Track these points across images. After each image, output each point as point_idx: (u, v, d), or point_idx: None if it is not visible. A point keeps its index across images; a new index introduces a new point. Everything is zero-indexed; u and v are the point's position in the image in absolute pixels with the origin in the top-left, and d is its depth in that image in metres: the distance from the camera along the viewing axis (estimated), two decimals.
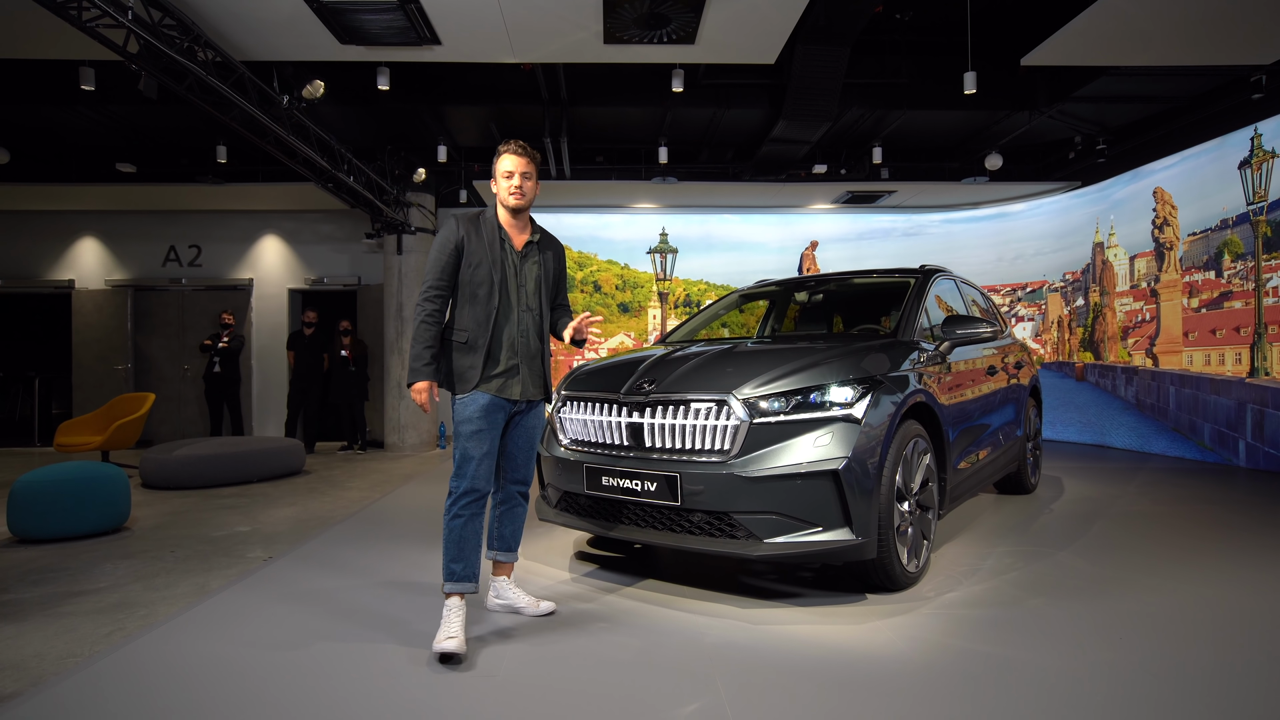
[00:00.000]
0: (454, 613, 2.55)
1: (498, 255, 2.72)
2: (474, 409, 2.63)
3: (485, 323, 2.69)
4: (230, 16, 4.49)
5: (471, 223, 2.76)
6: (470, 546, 2.62)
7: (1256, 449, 6.23)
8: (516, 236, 2.79)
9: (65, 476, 4.37)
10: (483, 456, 2.63)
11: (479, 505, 2.64)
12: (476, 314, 2.69)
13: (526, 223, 2.83)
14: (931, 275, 4.20)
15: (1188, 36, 5.01)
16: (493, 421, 2.66)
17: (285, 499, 5.63)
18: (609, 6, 4.46)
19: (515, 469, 2.85)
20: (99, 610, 3.04)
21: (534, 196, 2.79)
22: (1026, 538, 3.99)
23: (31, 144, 8.05)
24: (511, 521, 2.88)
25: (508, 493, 2.86)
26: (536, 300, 2.80)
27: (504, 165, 2.71)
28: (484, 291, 2.69)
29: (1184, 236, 7.08)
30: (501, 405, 2.69)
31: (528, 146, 2.75)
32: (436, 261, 2.71)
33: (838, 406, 2.91)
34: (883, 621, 2.75)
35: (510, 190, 2.72)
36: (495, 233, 2.75)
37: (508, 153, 2.72)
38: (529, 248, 2.82)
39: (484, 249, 2.71)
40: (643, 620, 2.81)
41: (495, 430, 2.67)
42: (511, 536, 2.90)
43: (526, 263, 2.79)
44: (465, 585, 2.60)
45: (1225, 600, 2.96)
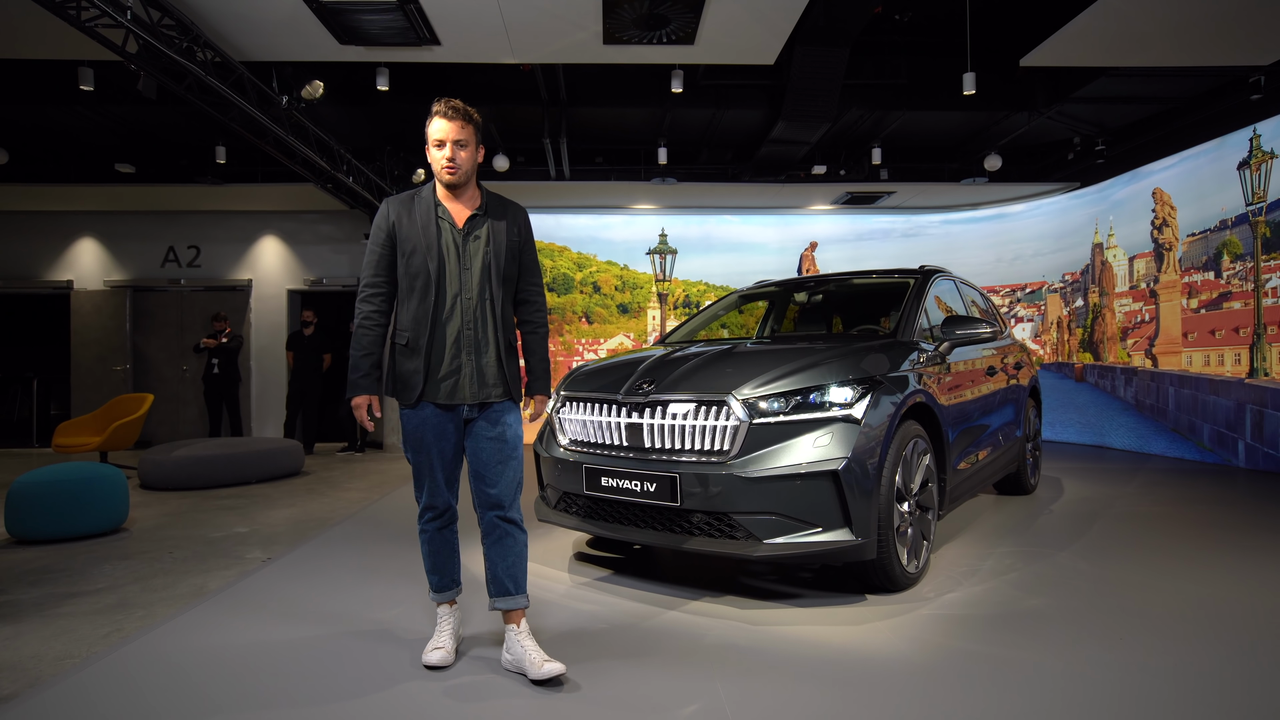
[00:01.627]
0: (444, 621, 2.47)
1: (433, 239, 2.29)
2: (415, 422, 2.33)
3: (424, 320, 2.30)
4: (229, 16, 4.49)
5: (404, 204, 2.34)
6: (444, 557, 2.45)
7: (1256, 449, 6.23)
8: (458, 213, 2.35)
9: (63, 477, 4.36)
10: (432, 473, 2.36)
11: (444, 519, 2.43)
12: (415, 311, 2.31)
13: (472, 195, 2.39)
14: (931, 276, 4.20)
15: (1187, 37, 5.01)
16: (440, 433, 2.33)
17: (284, 500, 5.62)
18: (608, 7, 4.46)
19: (485, 490, 2.35)
20: (97, 611, 3.03)
21: (474, 167, 2.33)
22: (1026, 538, 3.99)
23: (30, 144, 8.03)
24: (504, 558, 2.35)
25: (488, 522, 2.38)
26: (484, 285, 2.33)
27: (434, 132, 2.27)
28: (420, 283, 2.29)
29: (1183, 237, 7.09)
30: (448, 415, 2.33)
31: (463, 106, 2.29)
32: (369, 254, 2.36)
33: (837, 407, 2.91)
34: (882, 622, 2.75)
35: (443, 163, 2.27)
36: (430, 212, 2.32)
37: (437, 115, 2.26)
38: (473, 222, 2.35)
39: (417, 233, 2.29)
40: (642, 621, 2.81)
41: (444, 443, 2.34)
42: (507, 575, 2.35)
43: (470, 241, 2.33)
44: (446, 595, 2.48)
45: (1225, 600, 2.95)
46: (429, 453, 2.34)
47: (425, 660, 2.35)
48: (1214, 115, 6.73)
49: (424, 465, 2.36)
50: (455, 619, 2.49)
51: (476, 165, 2.35)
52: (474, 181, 2.39)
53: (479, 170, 2.42)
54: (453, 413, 2.34)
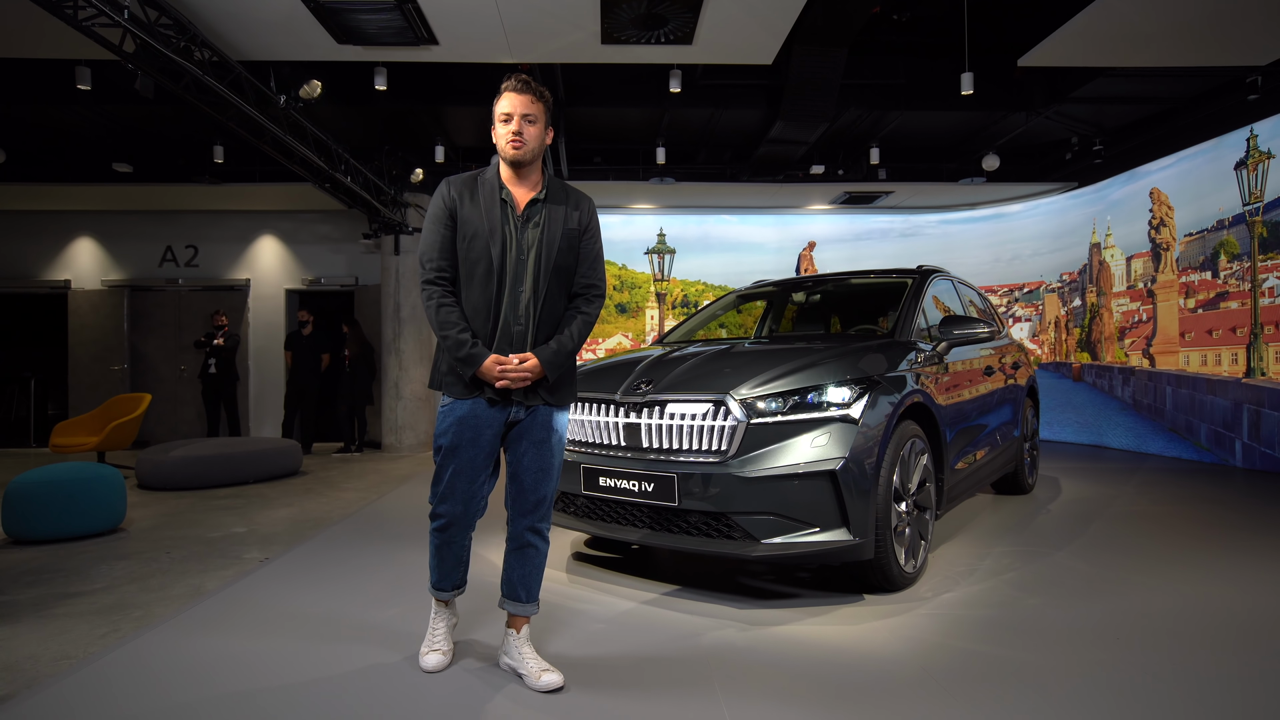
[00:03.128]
0: (441, 620, 2.41)
1: (496, 223, 2.16)
2: (453, 419, 2.20)
3: (484, 309, 2.16)
4: (227, 16, 4.48)
5: (466, 185, 2.22)
6: (449, 564, 2.33)
7: (1253, 449, 6.24)
8: (520, 196, 2.22)
9: (60, 477, 4.35)
10: (452, 481, 2.21)
11: (453, 533, 2.27)
12: (475, 300, 2.17)
13: (536, 179, 2.25)
14: (929, 276, 4.20)
15: (1185, 37, 5.02)
16: (475, 437, 2.18)
17: (282, 500, 5.62)
18: (606, 6, 4.46)
19: (522, 498, 2.25)
20: (94, 611, 3.03)
21: (541, 147, 2.21)
22: (1024, 538, 3.99)
23: (27, 143, 8.02)
24: (522, 566, 2.29)
25: (516, 531, 2.28)
26: (536, 276, 2.18)
27: (501, 106, 2.16)
28: (482, 270, 2.16)
29: (1180, 237, 7.10)
30: (490, 417, 2.19)
31: (533, 82, 2.17)
32: (430, 235, 2.20)
33: (835, 407, 2.91)
34: (880, 622, 2.75)
35: (508, 138, 2.15)
36: (495, 194, 2.20)
37: (507, 91, 2.16)
38: (532, 207, 2.21)
39: (479, 216, 2.16)
40: (639, 621, 2.81)
41: (476, 450, 2.19)
42: (521, 583, 2.30)
43: (529, 229, 2.20)
44: (446, 594, 2.38)
45: (1223, 600, 2.96)
46: (458, 457, 2.19)
47: (422, 664, 2.32)
48: (1211, 115, 6.74)
49: (447, 467, 2.21)
50: (451, 619, 2.44)
51: (544, 147, 2.23)
52: (539, 165, 2.27)
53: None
54: (500, 410, 2.20)
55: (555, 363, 2.20)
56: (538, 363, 2.16)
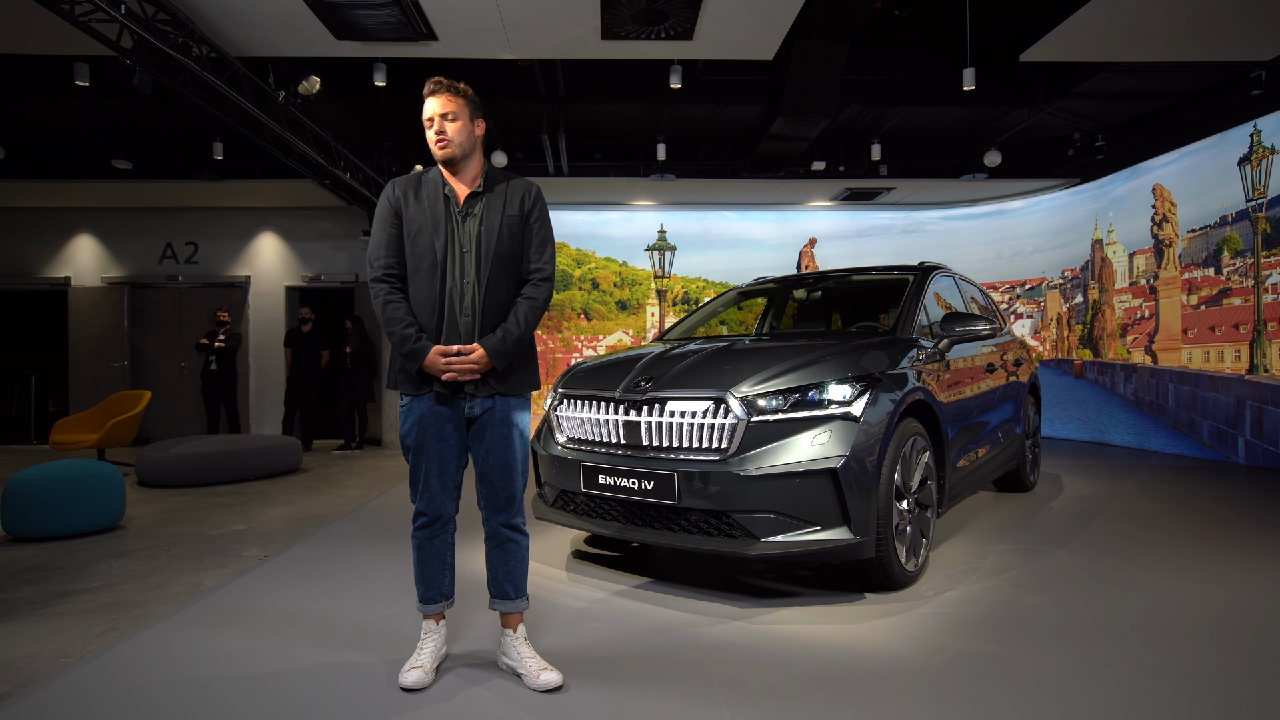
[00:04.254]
0: (427, 637, 2.33)
1: (440, 218, 2.20)
2: (414, 418, 2.22)
3: (430, 304, 2.19)
4: (225, 11, 4.45)
5: (411, 183, 2.26)
6: (434, 567, 2.30)
7: (1256, 446, 6.22)
8: (460, 191, 2.26)
9: (59, 475, 4.34)
10: (428, 477, 2.23)
11: (437, 528, 2.28)
12: (421, 294, 2.20)
13: (475, 173, 2.28)
14: (930, 272, 4.18)
15: (1188, 32, 4.98)
16: (440, 433, 2.21)
17: (282, 497, 5.61)
18: (606, 2, 4.43)
19: (493, 496, 2.27)
20: (92, 610, 3.02)
21: (470, 142, 2.23)
22: (1025, 536, 3.98)
23: (27, 140, 8.00)
24: (505, 562, 2.31)
25: (493, 529, 2.30)
26: (475, 267, 2.20)
27: (424, 112, 2.22)
28: (426, 264, 2.19)
29: (1183, 233, 7.07)
30: (448, 411, 2.21)
31: (449, 81, 2.23)
32: (378, 234, 2.24)
33: (836, 404, 2.89)
34: (881, 621, 2.74)
35: (434, 140, 2.21)
36: (438, 190, 2.24)
37: (426, 96, 2.22)
38: (471, 200, 2.25)
39: (424, 212, 2.21)
40: (639, 620, 2.79)
41: (444, 444, 2.22)
42: (507, 580, 2.31)
43: (468, 221, 2.23)
44: (433, 608, 2.32)
45: (1225, 599, 2.94)
46: (426, 454, 2.22)
47: (401, 681, 2.21)
48: (1214, 111, 6.70)
49: (420, 467, 2.23)
50: (440, 636, 2.35)
51: (476, 141, 2.26)
52: (478, 159, 2.29)
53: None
54: (453, 407, 2.21)
55: (502, 350, 2.18)
56: (484, 352, 2.16)
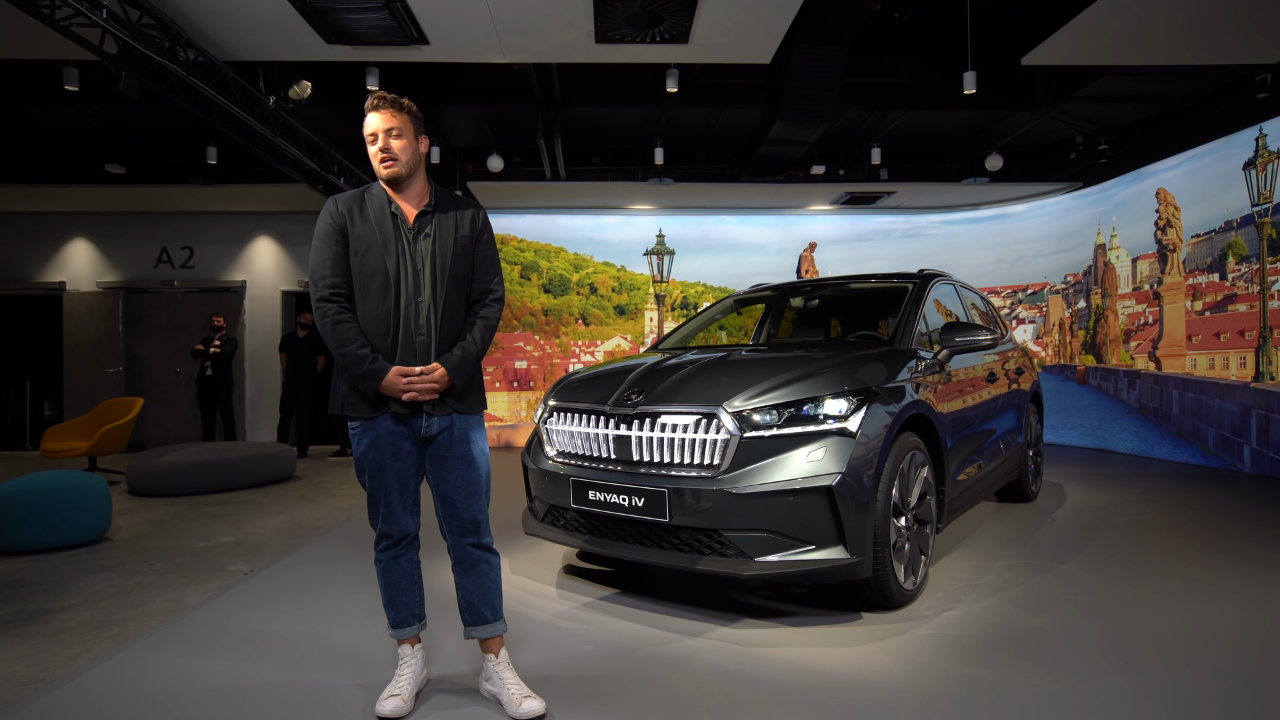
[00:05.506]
0: (404, 663, 2.25)
1: (390, 235, 2.14)
2: (369, 440, 2.15)
3: (385, 323, 2.12)
4: (211, 16, 4.38)
5: (354, 200, 2.19)
6: (400, 589, 2.24)
7: (1262, 455, 6.12)
8: (407, 210, 2.19)
9: (43, 486, 4.26)
10: (388, 497, 2.16)
11: (401, 548, 2.23)
12: (372, 313, 2.12)
13: (421, 191, 2.22)
14: (930, 280, 4.09)
15: (1192, 35, 4.90)
16: (397, 452, 2.14)
17: (273, 507, 5.53)
18: (600, 5, 4.36)
19: (454, 516, 2.19)
20: (66, 630, 2.94)
21: (416, 160, 2.18)
22: (1027, 550, 3.89)
23: (19, 144, 7.95)
24: (479, 585, 2.21)
25: (458, 550, 2.22)
26: (434, 286, 2.15)
27: (366, 128, 2.14)
28: (378, 283, 2.12)
29: (1187, 238, 6.97)
30: (404, 431, 2.15)
31: (392, 96, 2.15)
32: (321, 253, 2.14)
33: (832, 419, 2.81)
34: (878, 644, 2.65)
35: (379, 158, 2.13)
36: (384, 207, 2.17)
37: (368, 111, 2.14)
38: (422, 219, 2.19)
39: (371, 230, 2.14)
40: (629, 642, 2.71)
41: (402, 463, 2.15)
42: (483, 603, 2.21)
43: (420, 240, 2.17)
44: (406, 631, 2.26)
45: (1233, 619, 2.85)
46: (385, 475, 2.15)
47: (378, 710, 2.11)
48: (1219, 114, 6.61)
49: (379, 489, 2.16)
50: (417, 661, 2.28)
51: (421, 159, 2.20)
52: (422, 177, 2.23)
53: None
54: (409, 427, 2.15)
55: (462, 369, 2.15)
56: (444, 371, 2.12)
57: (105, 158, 7.89)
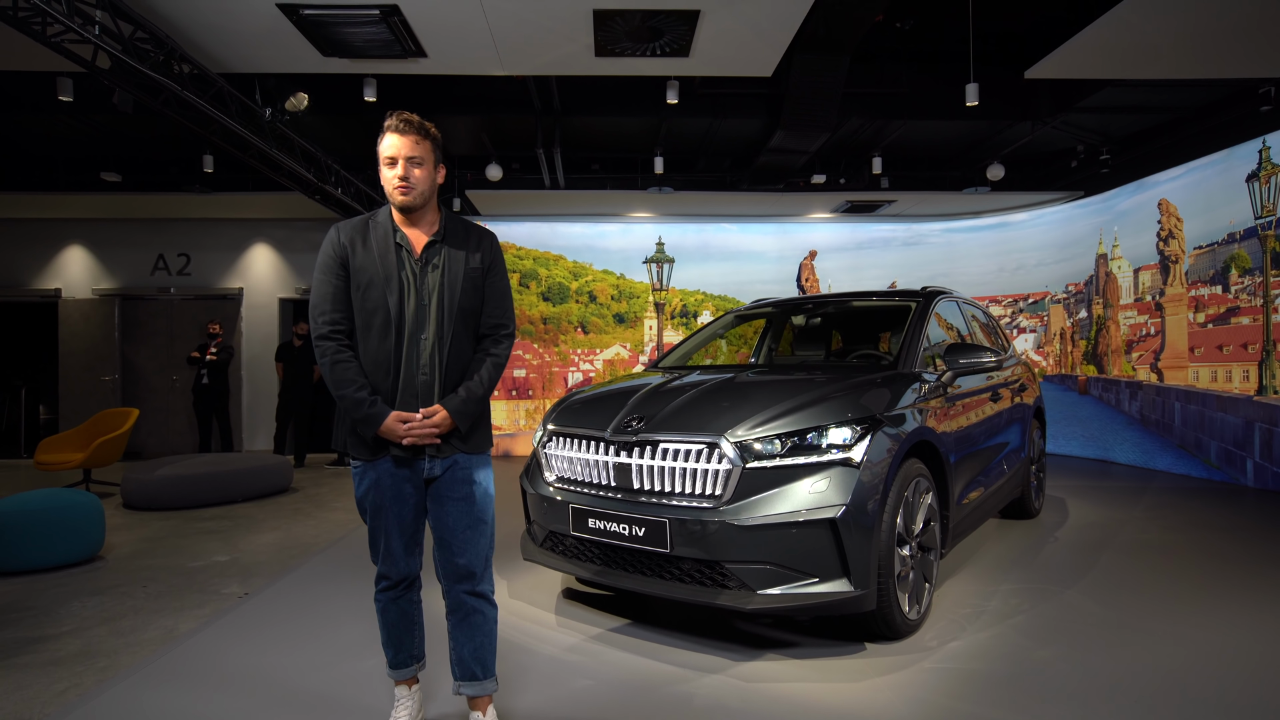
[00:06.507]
0: (400, 705, 2.20)
1: (393, 269, 2.03)
2: (370, 481, 2.07)
3: (384, 363, 2.03)
4: (206, 29, 4.33)
5: (357, 230, 2.08)
6: (399, 630, 2.18)
7: (1265, 469, 6.08)
8: (416, 239, 2.09)
9: (36, 506, 4.20)
10: (389, 539, 2.09)
11: (400, 590, 2.16)
12: (374, 352, 2.03)
13: (431, 220, 2.12)
14: (933, 299, 4.04)
15: (1197, 49, 4.85)
16: (398, 495, 2.06)
17: (269, 522, 5.48)
18: (600, 19, 4.31)
19: (452, 561, 2.09)
20: (56, 661, 2.88)
21: (432, 188, 2.08)
22: (1032, 572, 3.84)
23: (13, 152, 7.89)
24: (471, 639, 2.10)
25: (456, 600, 2.11)
26: (440, 322, 2.05)
27: (384, 149, 2.03)
28: (379, 320, 2.02)
29: (1190, 250, 6.93)
30: (406, 473, 2.06)
31: (419, 120, 2.04)
32: (321, 286, 2.05)
33: (835, 449, 2.76)
34: (882, 679, 2.60)
35: (395, 184, 2.02)
36: (389, 238, 2.06)
37: (388, 130, 2.03)
38: (430, 250, 2.08)
39: (374, 263, 2.03)
40: (629, 675, 2.66)
41: (402, 506, 2.07)
42: (475, 659, 2.10)
43: (429, 272, 2.07)
44: (404, 672, 2.21)
45: (1236, 651, 2.80)
46: (385, 517, 2.07)
47: None
48: (1221, 125, 6.58)
49: (379, 530, 2.09)
50: (414, 703, 2.22)
51: (435, 187, 2.10)
52: (434, 205, 2.13)
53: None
54: (411, 469, 2.07)
55: (465, 411, 2.06)
56: (446, 414, 2.03)
57: (101, 166, 7.83)
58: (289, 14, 4.17)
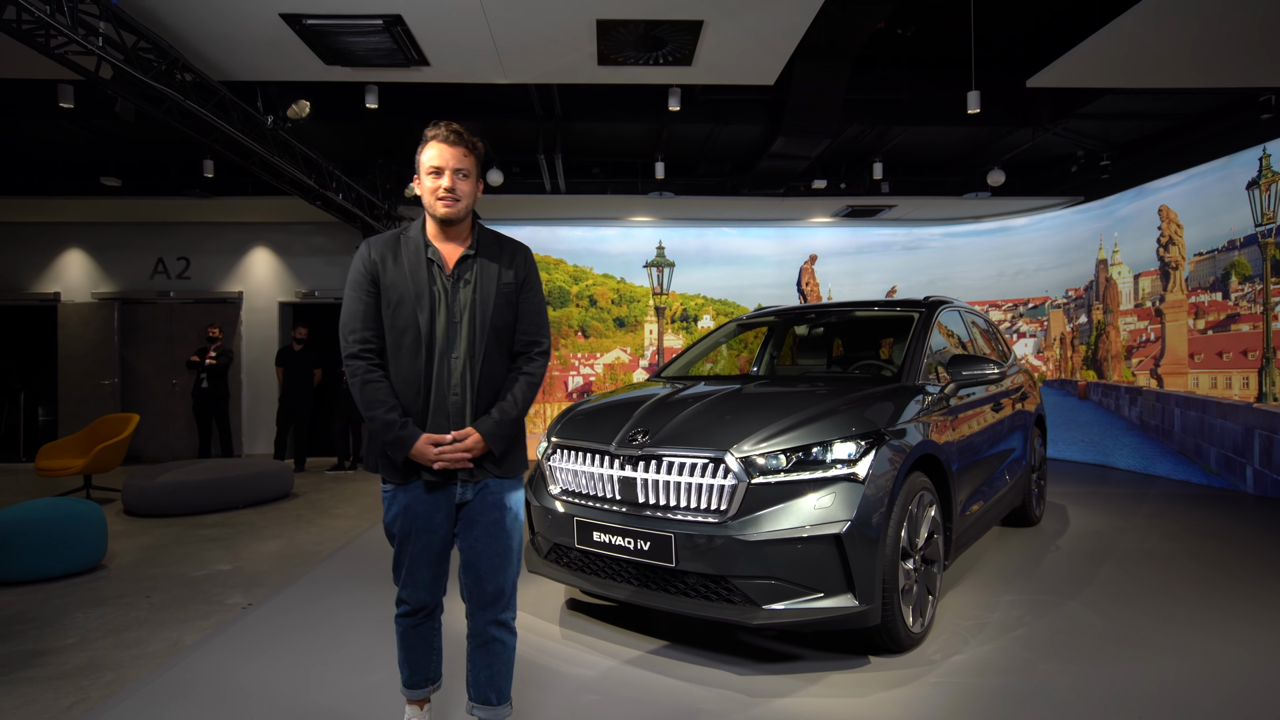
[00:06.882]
0: None
1: (424, 286, 1.97)
2: (399, 506, 2.02)
3: (415, 383, 1.97)
4: (209, 38, 4.33)
5: (388, 245, 2.02)
6: (417, 654, 2.14)
7: (1265, 476, 6.10)
8: (449, 254, 2.03)
9: (39, 515, 4.20)
10: (413, 567, 2.05)
11: (421, 618, 2.11)
12: (404, 372, 1.98)
13: (465, 233, 2.06)
14: (936, 309, 4.05)
15: (1198, 60, 4.87)
16: (428, 523, 2.01)
17: (271, 529, 5.47)
18: (603, 29, 4.31)
19: (479, 589, 2.05)
20: (62, 675, 2.88)
21: (473, 203, 2.03)
22: (1033, 583, 3.85)
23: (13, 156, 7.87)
24: (489, 665, 2.07)
25: (478, 626, 2.07)
26: (467, 341, 1.99)
27: (430, 158, 1.96)
28: (409, 339, 1.96)
29: (1190, 256, 6.95)
30: (438, 499, 2.01)
31: (464, 132, 1.98)
32: (351, 303, 2.00)
33: (840, 464, 2.77)
34: (887, 694, 2.61)
35: (440, 194, 1.96)
36: (420, 253, 2.00)
37: (436, 141, 1.96)
38: (462, 265, 2.02)
39: (404, 279, 1.97)
40: (634, 690, 2.67)
41: (431, 535, 2.02)
42: (490, 685, 2.07)
43: (460, 288, 2.01)
44: (419, 693, 2.17)
45: (1239, 665, 2.82)
46: (410, 544, 2.02)
47: None
48: (1222, 132, 6.60)
49: (404, 556, 2.05)
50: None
51: (474, 201, 2.04)
52: (469, 219, 2.08)
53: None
54: (444, 493, 2.01)
55: (499, 434, 2.00)
56: (479, 437, 1.97)
57: (101, 170, 7.82)
58: (292, 24, 4.17)
